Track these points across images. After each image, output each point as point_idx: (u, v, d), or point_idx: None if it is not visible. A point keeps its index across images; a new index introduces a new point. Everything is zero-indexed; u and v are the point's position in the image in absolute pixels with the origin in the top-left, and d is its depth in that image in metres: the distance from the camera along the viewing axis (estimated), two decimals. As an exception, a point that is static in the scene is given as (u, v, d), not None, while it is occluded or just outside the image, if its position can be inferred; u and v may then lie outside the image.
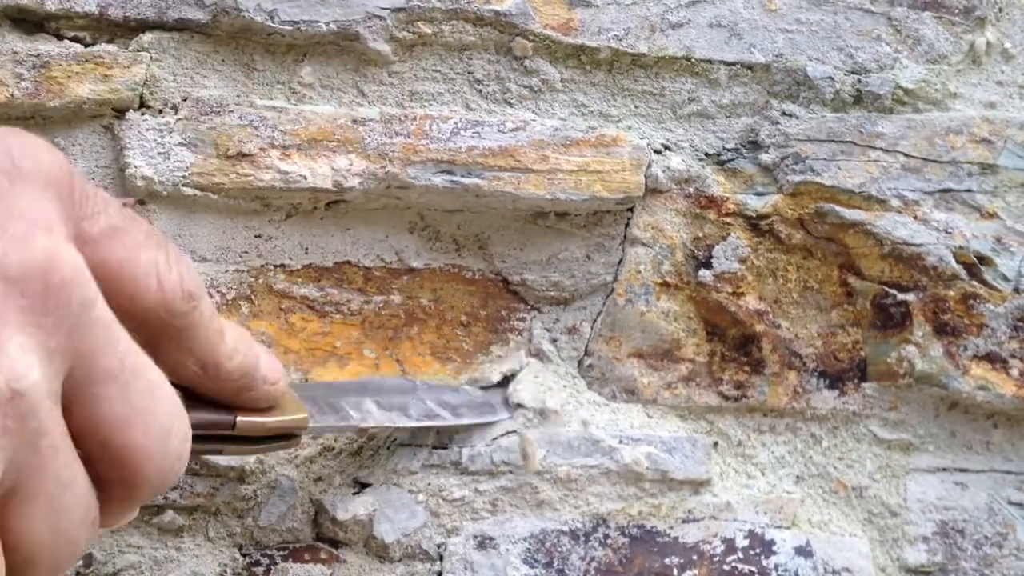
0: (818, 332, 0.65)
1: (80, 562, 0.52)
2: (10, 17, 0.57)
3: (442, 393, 0.59)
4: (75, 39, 0.57)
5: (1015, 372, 0.65)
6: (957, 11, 0.67)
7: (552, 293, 0.64)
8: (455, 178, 0.60)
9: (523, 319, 0.64)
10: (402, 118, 0.60)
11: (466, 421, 0.58)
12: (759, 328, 0.64)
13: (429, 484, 0.57)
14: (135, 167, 0.55)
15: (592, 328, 0.64)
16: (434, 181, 0.59)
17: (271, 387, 0.42)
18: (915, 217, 0.65)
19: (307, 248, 0.60)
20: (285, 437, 0.45)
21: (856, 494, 0.65)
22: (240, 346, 0.39)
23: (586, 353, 0.64)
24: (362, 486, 0.57)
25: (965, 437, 0.67)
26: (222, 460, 0.54)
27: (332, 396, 0.53)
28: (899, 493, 0.65)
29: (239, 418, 0.42)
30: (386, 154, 0.59)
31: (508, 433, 0.59)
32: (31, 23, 0.57)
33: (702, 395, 0.64)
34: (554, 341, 0.64)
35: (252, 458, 0.55)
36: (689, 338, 0.64)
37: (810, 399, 0.65)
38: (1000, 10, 0.68)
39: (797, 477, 0.64)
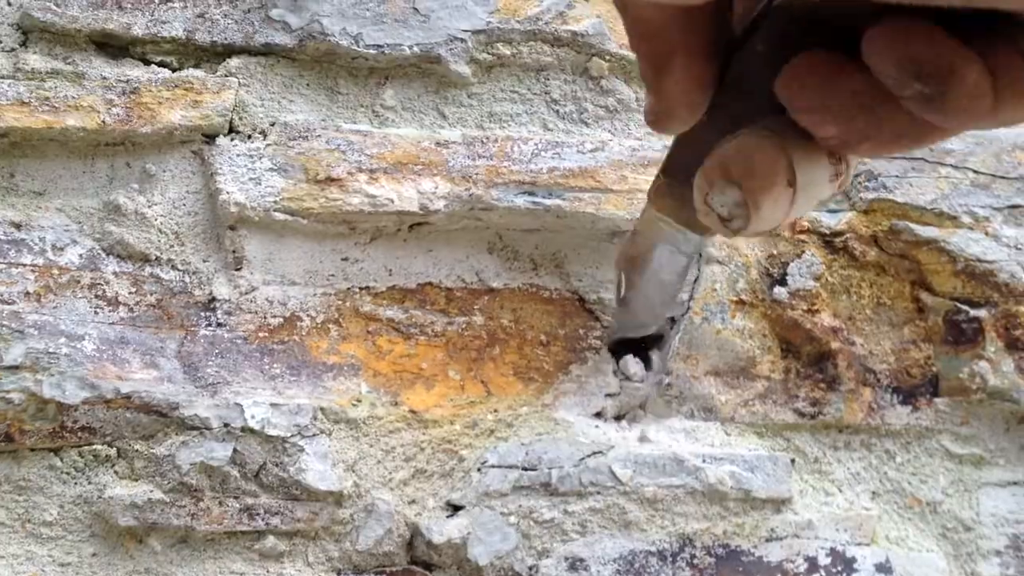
0: (891, 348, 0.65)
1: (185, 589, 0.52)
2: (95, 41, 0.57)
3: None
4: (162, 64, 0.57)
5: (1086, 387, 0.66)
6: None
7: (628, 312, 0.64)
8: (537, 199, 0.60)
9: (600, 338, 0.64)
10: (484, 140, 0.60)
11: None
12: (834, 345, 0.64)
13: (520, 506, 0.57)
14: (227, 193, 0.55)
15: (670, 347, 0.64)
16: (516, 203, 0.60)
17: None
18: (986, 233, 0.65)
19: (391, 270, 0.60)
20: None
21: (930, 509, 0.65)
22: None
23: (664, 371, 0.64)
24: (455, 508, 0.57)
25: (1035, 451, 0.68)
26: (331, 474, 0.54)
27: None
28: (972, 507, 0.66)
29: None
30: (470, 176, 0.59)
31: (595, 454, 0.59)
32: (116, 47, 0.57)
33: (778, 412, 0.64)
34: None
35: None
36: (764, 355, 0.64)
37: (884, 415, 0.65)
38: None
39: (873, 493, 0.65)
